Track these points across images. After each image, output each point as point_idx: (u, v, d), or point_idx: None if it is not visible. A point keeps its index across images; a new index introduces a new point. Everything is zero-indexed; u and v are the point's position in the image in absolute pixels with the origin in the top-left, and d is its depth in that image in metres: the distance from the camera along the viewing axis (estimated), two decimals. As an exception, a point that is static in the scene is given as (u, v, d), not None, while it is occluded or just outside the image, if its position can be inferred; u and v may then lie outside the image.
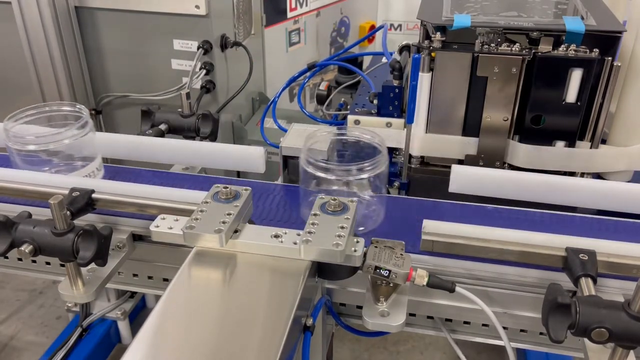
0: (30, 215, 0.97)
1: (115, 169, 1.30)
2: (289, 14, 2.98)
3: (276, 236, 0.89)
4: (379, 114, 1.43)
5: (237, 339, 0.73)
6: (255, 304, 0.81)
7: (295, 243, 0.87)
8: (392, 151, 1.47)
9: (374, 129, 1.20)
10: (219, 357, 0.72)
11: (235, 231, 0.90)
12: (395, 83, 1.39)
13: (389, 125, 1.40)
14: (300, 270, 0.85)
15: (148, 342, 0.74)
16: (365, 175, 1.02)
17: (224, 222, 0.87)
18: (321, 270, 0.91)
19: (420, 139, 1.35)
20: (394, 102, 1.40)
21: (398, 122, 1.39)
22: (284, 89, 1.71)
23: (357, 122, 1.42)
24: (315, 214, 0.90)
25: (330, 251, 0.84)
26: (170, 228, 0.91)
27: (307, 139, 1.10)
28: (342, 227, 0.87)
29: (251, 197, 0.96)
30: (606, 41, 1.19)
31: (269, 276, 0.87)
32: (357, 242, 0.89)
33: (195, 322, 0.76)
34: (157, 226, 0.92)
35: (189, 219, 0.89)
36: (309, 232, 0.86)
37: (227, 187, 0.94)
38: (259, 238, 0.89)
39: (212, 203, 0.92)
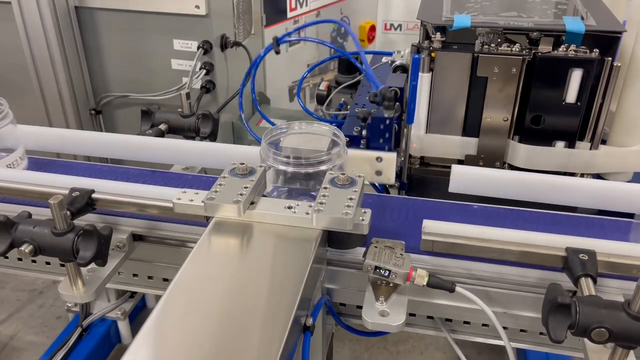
0: (30, 215, 0.97)
1: (116, 169, 1.30)
2: (289, 14, 2.98)
3: (289, 207, 0.94)
4: (368, 146, 1.30)
5: (238, 339, 0.73)
6: (264, 284, 0.84)
7: (307, 213, 0.92)
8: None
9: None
10: (219, 356, 0.72)
11: (252, 203, 0.95)
12: (386, 114, 1.26)
13: (379, 160, 1.30)
14: (312, 238, 0.90)
15: (148, 342, 0.74)
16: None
17: (241, 194, 0.93)
18: (331, 240, 0.95)
19: (420, 139, 1.35)
20: (384, 134, 1.28)
21: (389, 156, 1.28)
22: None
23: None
24: (325, 187, 0.95)
25: (340, 219, 0.89)
26: (191, 200, 0.95)
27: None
28: (351, 199, 0.92)
29: (265, 173, 1.01)
30: (606, 41, 1.19)
31: (282, 244, 0.92)
32: (365, 212, 0.93)
33: (195, 322, 0.76)
34: (179, 199, 0.95)
35: (209, 192, 0.94)
36: (320, 203, 0.91)
37: (243, 164, 0.99)
38: (274, 209, 0.94)
39: (230, 178, 0.98)
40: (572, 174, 1.30)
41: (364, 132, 1.30)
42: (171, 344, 0.74)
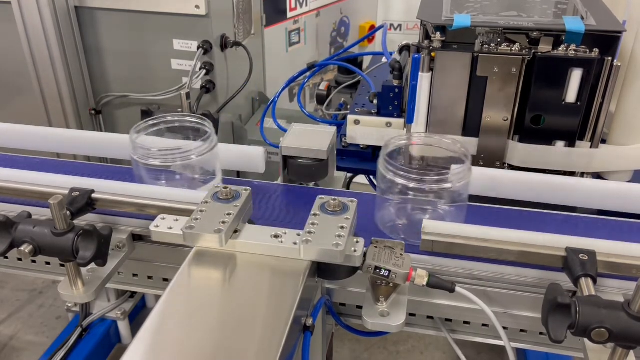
0: (30, 215, 0.97)
1: (116, 169, 1.30)
2: (289, 14, 2.98)
3: (276, 236, 0.89)
4: (379, 114, 1.43)
5: (237, 339, 0.73)
6: (255, 304, 0.81)
7: (295, 243, 0.87)
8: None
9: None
10: (218, 358, 0.72)
11: (235, 231, 0.90)
12: (395, 83, 1.39)
13: (389, 125, 1.40)
14: (300, 271, 0.85)
15: (148, 342, 0.74)
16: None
17: (223, 222, 0.87)
18: (321, 270, 0.91)
19: (420, 139, 1.34)
20: (393, 102, 1.40)
21: (398, 122, 1.39)
22: (283, 89, 1.71)
23: (357, 122, 1.42)
24: (315, 214, 0.90)
25: (330, 251, 0.84)
26: (170, 228, 0.91)
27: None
28: (342, 227, 0.87)
29: (251, 197, 0.96)
30: (606, 41, 1.19)
31: (268, 276, 0.87)
32: (357, 242, 0.89)
33: (195, 322, 0.76)
34: (157, 226, 0.92)
35: (189, 219, 0.89)
36: (309, 232, 0.86)
37: (226, 187, 0.94)
38: (259, 238, 0.89)
39: (212, 203, 0.92)
40: (572, 174, 1.30)
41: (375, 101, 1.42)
42: (171, 344, 0.74)
